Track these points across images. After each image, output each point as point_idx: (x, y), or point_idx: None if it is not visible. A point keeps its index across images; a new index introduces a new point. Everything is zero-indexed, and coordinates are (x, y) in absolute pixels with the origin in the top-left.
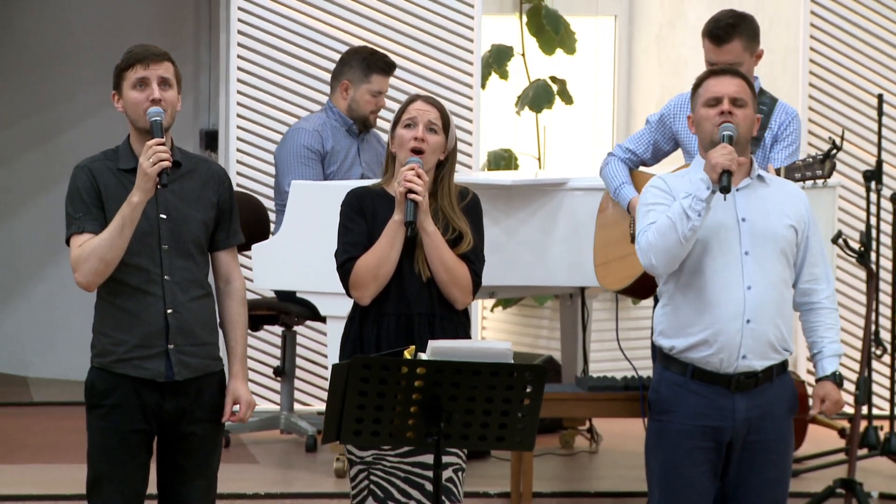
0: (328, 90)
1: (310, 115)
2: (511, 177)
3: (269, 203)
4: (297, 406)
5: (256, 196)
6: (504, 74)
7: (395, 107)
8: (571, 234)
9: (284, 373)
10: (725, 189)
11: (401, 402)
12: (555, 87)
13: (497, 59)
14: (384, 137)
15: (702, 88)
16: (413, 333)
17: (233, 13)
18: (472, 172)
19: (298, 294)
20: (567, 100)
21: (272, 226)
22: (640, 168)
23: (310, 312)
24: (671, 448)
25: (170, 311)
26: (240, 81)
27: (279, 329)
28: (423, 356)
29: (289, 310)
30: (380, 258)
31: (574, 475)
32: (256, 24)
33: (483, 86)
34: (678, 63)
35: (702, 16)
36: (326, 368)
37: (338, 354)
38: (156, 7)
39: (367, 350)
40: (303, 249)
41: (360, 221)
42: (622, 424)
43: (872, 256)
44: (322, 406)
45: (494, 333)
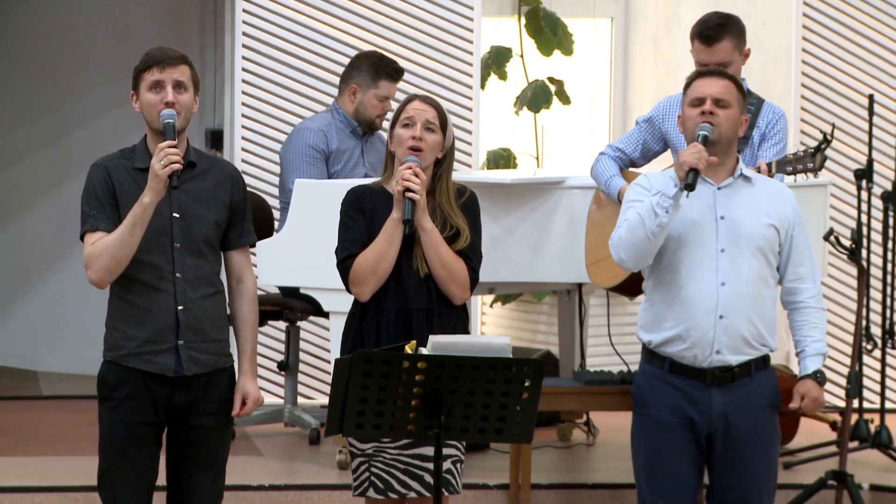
0: (331, 90)
1: (315, 115)
2: (510, 175)
3: (273, 201)
4: (301, 400)
5: (260, 194)
6: (503, 75)
7: (396, 106)
8: (569, 232)
9: (288, 367)
10: (689, 187)
11: (402, 396)
12: (552, 88)
13: (496, 61)
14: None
15: (690, 89)
16: (412, 328)
17: (237, 16)
18: (472, 171)
19: (302, 290)
20: (565, 100)
21: (276, 223)
22: (630, 168)
23: (313, 308)
24: (653, 440)
25: (180, 308)
26: (244, 82)
27: (283, 324)
28: (424, 351)
29: (292, 305)
30: (379, 255)
31: (571, 467)
32: (260, 27)
33: (482, 86)
34: (673, 64)
35: (696, 18)
36: (329, 363)
37: (340, 349)
38: (163, 9)
39: (368, 344)
40: (305, 246)
41: (360, 219)
42: (618, 418)
43: (863, 253)
44: (325, 400)
45: (494, 329)
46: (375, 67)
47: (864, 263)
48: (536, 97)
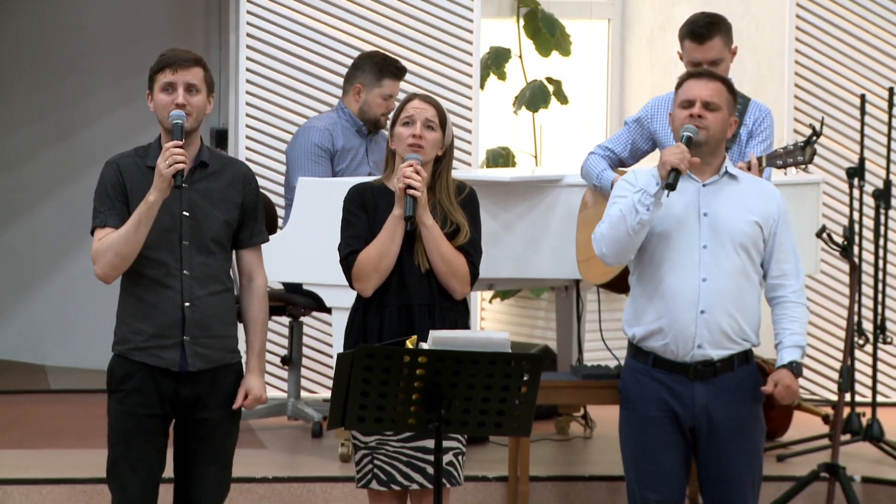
0: (332, 90)
1: (321, 114)
2: (509, 174)
3: (276, 199)
4: (304, 393)
5: (265, 192)
6: (502, 75)
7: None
8: (566, 228)
9: (292, 361)
10: (670, 187)
11: (403, 390)
12: (551, 88)
13: (495, 61)
14: None
15: (681, 89)
16: (414, 323)
17: (241, 16)
18: (472, 169)
19: (305, 286)
20: (562, 100)
21: (280, 221)
22: (619, 168)
23: (316, 304)
24: (639, 434)
25: (187, 305)
26: (248, 82)
27: (287, 319)
28: (425, 346)
29: (296, 301)
30: (381, 251)
31: (569, 460)
32: (264, 27)
33: (482, 86)
34: (669, 64)
35: None
36: (332, 357)
37: (342, 344)
38: (168, 10)
39: (370, 339)
40: (309, 243)
41: (362, 216)
42: (615, 411)
43: (855, 250)
44: (328, 393)
45: (493, 324)
46: (379, 67)
47: (856, 260)
48: (535, 97)
